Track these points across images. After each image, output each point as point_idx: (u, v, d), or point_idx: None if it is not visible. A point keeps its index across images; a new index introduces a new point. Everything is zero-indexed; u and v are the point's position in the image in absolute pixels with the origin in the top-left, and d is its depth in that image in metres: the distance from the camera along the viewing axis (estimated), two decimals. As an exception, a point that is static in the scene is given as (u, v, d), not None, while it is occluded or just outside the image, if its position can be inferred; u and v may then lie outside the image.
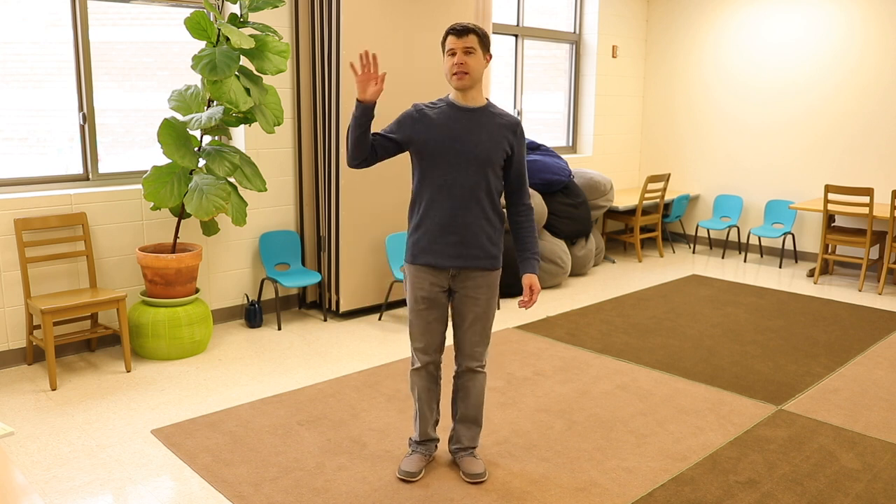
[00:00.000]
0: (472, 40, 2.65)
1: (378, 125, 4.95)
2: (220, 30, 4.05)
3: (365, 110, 2.59)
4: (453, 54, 2.67)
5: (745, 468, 3.03)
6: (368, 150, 2.68)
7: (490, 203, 2.75)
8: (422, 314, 2.82)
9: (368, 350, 4.44)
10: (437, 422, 3.04)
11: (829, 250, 6.56)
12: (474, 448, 3.02)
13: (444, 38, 2.70)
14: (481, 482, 2.90)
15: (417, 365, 2.91)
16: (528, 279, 2.82)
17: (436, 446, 3.05)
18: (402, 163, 5.13)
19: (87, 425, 3.38)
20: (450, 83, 2.72)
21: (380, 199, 5.07)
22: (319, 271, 5.21)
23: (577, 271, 6.37)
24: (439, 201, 2.72)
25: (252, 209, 4.95)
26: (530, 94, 7.14)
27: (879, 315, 5.27)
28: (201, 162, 4.22)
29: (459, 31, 2.65)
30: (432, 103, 2.79)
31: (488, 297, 2.82)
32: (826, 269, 6.66)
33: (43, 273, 4.14)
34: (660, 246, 7.27)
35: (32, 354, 4.11)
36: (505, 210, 3.02)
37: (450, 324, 4.61)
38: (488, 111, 2.76)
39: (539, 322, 5.02)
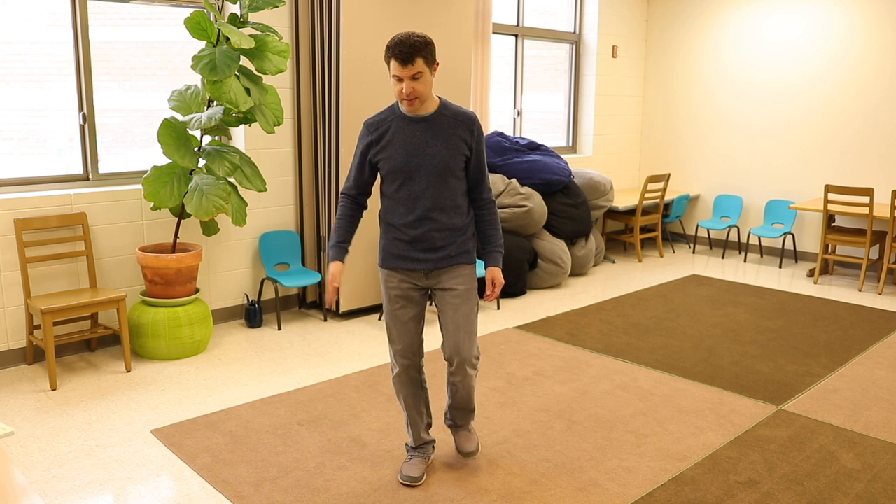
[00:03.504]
0: (418, 65, 2.53)
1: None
2: (220, 30, 4.05)
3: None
4: (399, 80, 2.57)
5: (745, 468, 3.03)
6: (362, 210, 2.88)
7: (454, 207, 2.73)
8: (397, 314, 2.80)
9: (368, 350, 4.44)
10: (429, 424, 3.02)
11: (829, 250, 6.56)
12: (468, 424, 3.05)
13: (387, 57, 2.56)
14: (472, 455, 2.98)
15: (397, 370, 2.87)
16: (491, 272, 2.82)
17: (433, 447, 3.05)
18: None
19: (87, 425, 3.38)
20: (399, 104, 2.67)
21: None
22: (319, 271, 5.21)
23: (577, 271, 6.37)
24: (404, 214, 2.71)
25: (252, 209, 4.95)
26: (530, 94, 7.14)
27: (879, 315, 5.27)
28: (201, 162, 4.22)
29: (403, 58, 2.52)
30: (383, 115, 2.72)
31: (467, 288, 2.79)
32: (826, 269, 6.66)
33: (43, 273, 4.14)
34: (660, 246, 7.27)
35: (32, 354, 4.11)
36: None
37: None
38: (442, 115, 2.68)
39: (539, 322, 5.02)
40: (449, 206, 2.71)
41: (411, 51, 2.51)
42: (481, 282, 5.45)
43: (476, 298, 2.84)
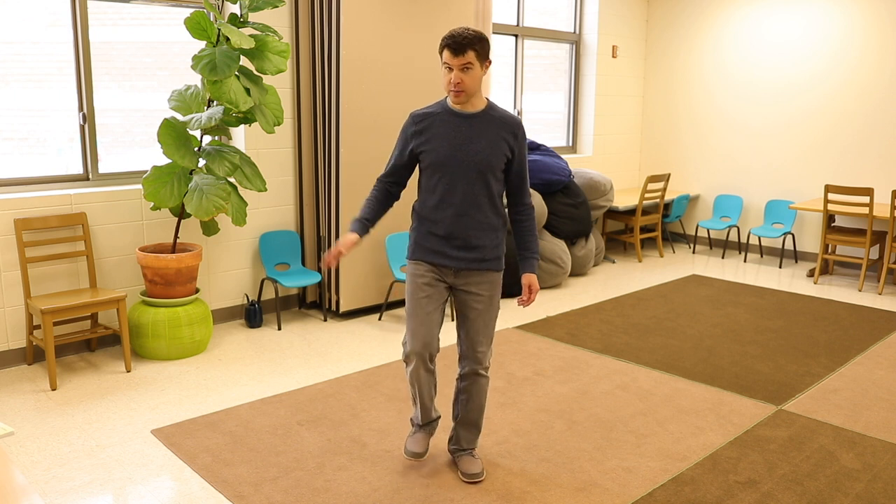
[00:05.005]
0: (469, 57, 2.58)
1: (374, 127, 4.95)
2: (220, 30, 4.05)
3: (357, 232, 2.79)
4: (450, 69, 2.61)
5: (745, 468, 3.03)
6: (393, 199, 2.86)
7: (492, 207, 2.75)
8: (421, 303, 2.77)
9: (368, 350, 4.44)
10: (433, 398, 2.97)
11: (829, 250, 6.56)
12: (473, 448, 3.02)
13: (441, 48, 2.62)
14: (479, 481, 2.90)
15: (413, 364, 2.84)
16: (528, 279, 2.83)
17: (437, 423, 3.03)
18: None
19: (87, 425, 3.38)
20: (447, 96, 2.70)
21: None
22: (319, 271, 5.21)
23: (577, 271, 6.37)
24: (442, 209, 2.72)
25: (252, 209, 4.95)
26: (530, 94, 7.14)
27: (879, 315, 5.27)
28: (201, 162, 4.22)
29: (456, 48, 2.57)
30: (430, 109, 2.75)
31: (491, 295, 2.81)
32: (826, 269, 6.66)
33: (43, 273, 4.14)
34: (660, 246, 7.27)
35: (32, 354, 4.11)
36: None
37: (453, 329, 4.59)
38: (488, 115, 2.71)
39: (539, 322, 5.02)
40: (486, 204, 2.73)
41: (464, 42, 2.56)
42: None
43: (498, 305, 2.86)
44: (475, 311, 2.80)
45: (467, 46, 2.57)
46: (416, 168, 2.87)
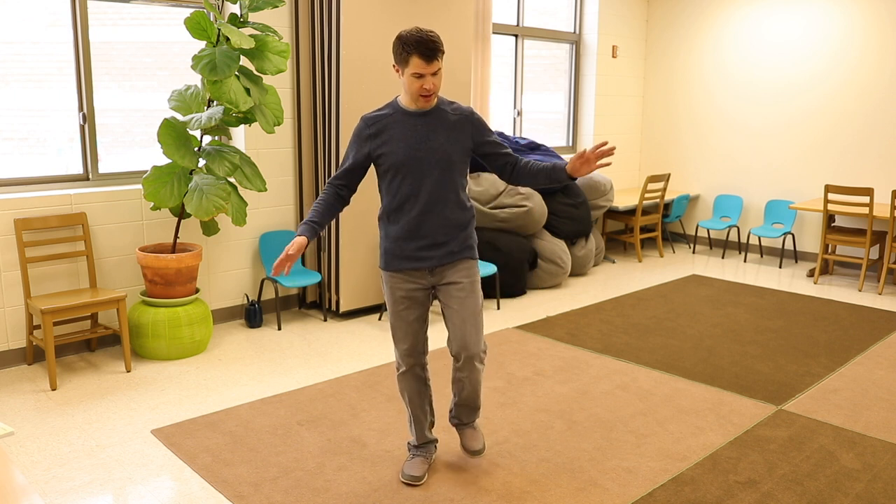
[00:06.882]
0: (440, 61, 2.58)
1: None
2: (220, 30, 4.05)
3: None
4: (420, 76, 2.57)
5: (745, 468, 3.03)
6: (342, 203, 2.78)
7: (457, 202, 2.74)
8: (402, 315, 2.80)
9: (368, 350, 4.44)
10: (432, 423, 3.03)
11: (829, 250, 6.56)
12: (473, 421, 3.02)
13: (406, 55, 2.55)
14: (479, 453, 2.94)
15: (403, 368, 2.87)
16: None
17: (435, 447, 3.05)
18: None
19: (87, 425, 3.38)
20: (412, 100, 2.66)
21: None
22: (319, 271, 5.21)
23: (577, 271, 6.37)
24: (406, 210, 2.70)
25: (252, 209, 4.95)
26: (530, 94, 7.14)
27: (879, 315, 5.27)
28: (201, 162, 4.22)
29: (428, 55, 2.53)
30: (382, 111, 2.72)
31: (471, 281, 2.79)
32: (826, 269, 6.66)
33: (43, 273, 4.14)
34: (660, 246, 7.27)
35: (32, 354, 4.11)
36: (510, 185, 2.95)
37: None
38: (441, 110, 2.71)
39: (539, 322, 5.02)
40: (452, 200, 2.72)
41: (435, 48, 2.55)
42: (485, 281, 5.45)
43: (480, 292, 2.83)
44: (458, 300, 2.77)
45: (437, 52, 2.56)
46: (375, 175, 2.84)
